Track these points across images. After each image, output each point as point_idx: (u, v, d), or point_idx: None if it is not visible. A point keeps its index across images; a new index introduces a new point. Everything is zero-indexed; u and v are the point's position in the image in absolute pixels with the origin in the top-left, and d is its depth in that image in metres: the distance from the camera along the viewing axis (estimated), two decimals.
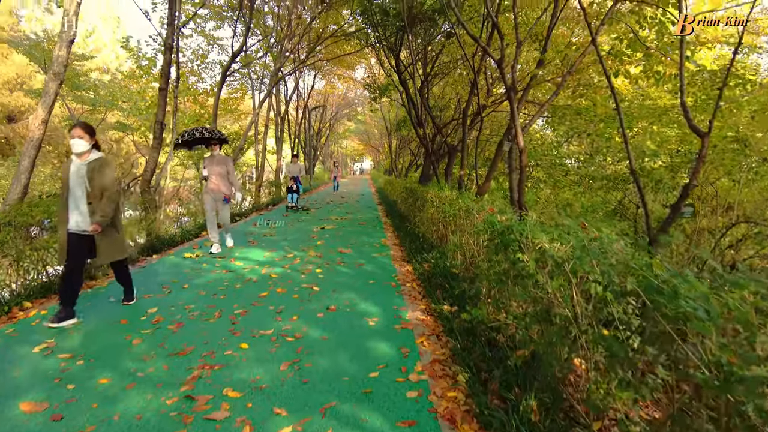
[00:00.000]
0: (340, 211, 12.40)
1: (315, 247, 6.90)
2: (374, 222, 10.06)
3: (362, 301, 4.19)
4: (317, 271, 5.31)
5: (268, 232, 8.42)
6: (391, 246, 7.02)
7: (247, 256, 6.33)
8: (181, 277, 5.21)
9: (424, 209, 7.46)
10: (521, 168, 5.12)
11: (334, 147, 54.76)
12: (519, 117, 7.43)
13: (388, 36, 12.72)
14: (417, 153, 27.61)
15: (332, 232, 8.48)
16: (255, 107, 19.32)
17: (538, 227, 2.88)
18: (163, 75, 7.74)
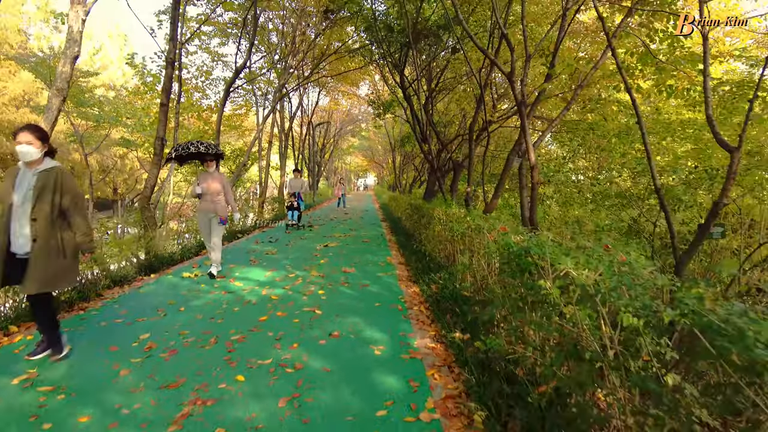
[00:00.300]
0: (344, 228, 12.19)
1: (318, 266, 6.67)
2: (379, 239, 9.83)
3: (367, 326, 3.94)
4: (320, 293, 5.07)
5: (270, 250, 8.20)
6: (397, 265, 6.78)
7: (248, 276, 6.10)
8: (178, 298, 4.99)
9: (431, 227, 7.24)
10: (533, 185, 4.91)
11: (338, 163, 54.88)
12: None
13: (392, 52, 12.68)
14: (421, 169, 27.52)
15: (336, 250, 8.26)
16: (259, 123, 19.33)
17: (558, 249, 2.65)
18: (164, 90, 7.64)
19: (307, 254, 7.76)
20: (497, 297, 3.60)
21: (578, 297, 2.16)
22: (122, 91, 24.81)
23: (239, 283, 5.63)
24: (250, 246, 8.89)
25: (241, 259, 7.42)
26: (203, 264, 7.00)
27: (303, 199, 11.91)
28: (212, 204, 5.96)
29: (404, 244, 8.59)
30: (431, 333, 3.79)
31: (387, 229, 12.09)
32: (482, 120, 8.77)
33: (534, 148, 7.83)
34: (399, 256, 7.72)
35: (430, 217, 7.27)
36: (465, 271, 4.37)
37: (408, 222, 11.34)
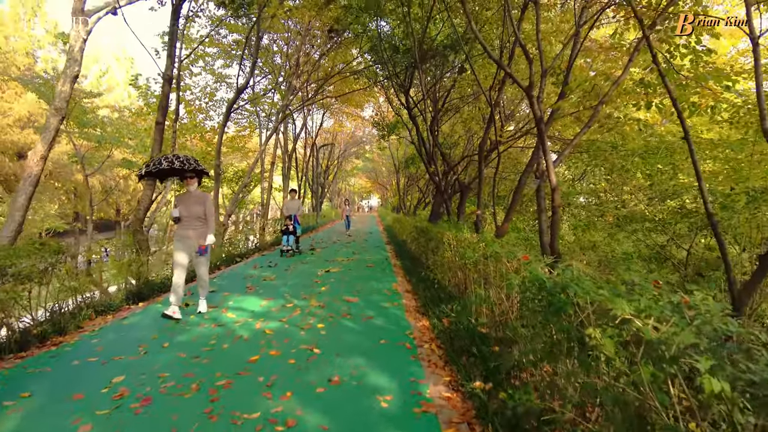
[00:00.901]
0: (347, 252, 11.73)
1: (318, 294, 6.20)
2: (383, 264, 9.36)
3: (372, 369, 3.46)
4: (319, 327, 4.59)
5: (269, 276, 7.75)
6: (403, 293, 6.30)
7: (242, 305, 5.63)
8: (164, 332, 4.52)
9: (439, 252, 6.78)
10: (553, 208, 4.48)
11: (342, 184, 54.77)
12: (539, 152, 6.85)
13: (397, 72, 12.47)
14: (425, 191, 27.18)
15: (338, 275, 7.79)
16: (261, 144, 19.11)
17: (605, 288, 2.19)
18: (160, 108, 7.34)
19: (308, 280, 7.30)
20: (521, 337, 3.14)
21: (644, 353, 1.71)
22: (125, 112, 24.78)
23: (232, 315, 5.16)
24: (248, 271, 8.44)
25: (237, 286, 6.96)
26: (196, 293, 6.55)
27: (300, 222, 11.14)
28: (193, 230, 5.11)
29: (410, 269, 8.11)
30: (446, 378, 3.30)
31: (392, 253, 11.62)
32: (492, 140, 8.41)
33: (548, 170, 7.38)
34: (405, 282, 7.24)
35: (438, 242, 6.81)
36: (481, 304, 3.90)
37: (414, 245, 10.87)
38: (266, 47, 17.75)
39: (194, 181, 5.16)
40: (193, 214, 5.08)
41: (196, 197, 5.14)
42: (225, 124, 11.38)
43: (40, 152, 6.86)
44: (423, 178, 27.67)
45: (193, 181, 5.14)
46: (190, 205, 5.09)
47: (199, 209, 5.10)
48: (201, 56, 18.69)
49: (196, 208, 5.09)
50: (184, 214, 5.09)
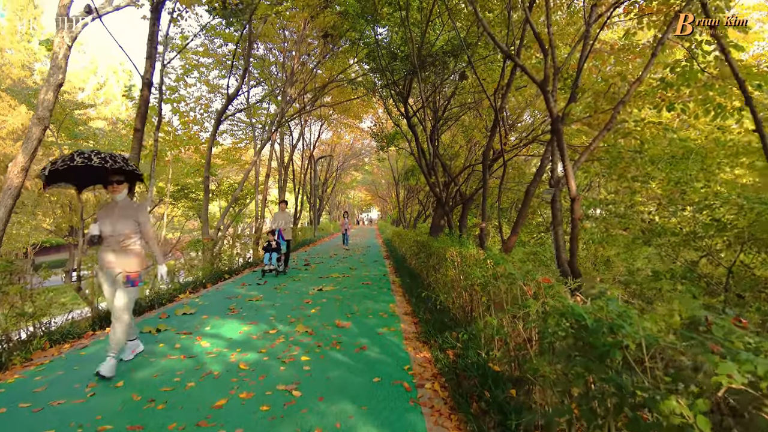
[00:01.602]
0: (344, 267, 11.09)
1: (306, 318, 5.56)
2: (381, 281, 8.72)
3: (361, 419, 2.82)
4: (303, 360, 3.95)
5: (256, 296, 7.11)
6: (402, 316, 5.66)
7: (220, 331, 4.99)
8: (123, 364, 3.89)
9: (441, 269, 6.17)
10: (573, 221, 3.88)
11: (342, 197, 54.29)
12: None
13: (396, 80, 12.00)
14: (425, 203, 26.64)
15: (331, 295, 7.15)
16: (257, 156, 18.61)
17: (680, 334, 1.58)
18: (139, 114, 6.79)
19: (297, 301, 6.66)
20: (545, 381, 2.51)
21: None
22: (119, 125, 24.38)
23: (206, 343, 4.52)
24: (235, 289, 7.81)
25: (219, 307, 6.33)
26: (174, 314, 5.93)
27: (285, 236, 9.83)
28: (114, 254, 3.70)
29: (410, 287, 7.48)
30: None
31: (390, 268, 10.98)
32: (496, 148, 7.85)
33: (563, 180, 6.83)
34: (404, 303, 6.60)
35: (440, 258, 6.20)
36: (493, 335, 3.28)
37: (414, 260, 10.24)
38: (262, 57, 17.39)
39: (122, 187, 3.77)
40: (119, 231, 3.69)
41: (123, 208, 3.75)
42: (215, 133, 10.85)
43: (21, 163, 6.31)
44: (423, 191, 27.14)
45: (120, 187, 3.74)
46: (115, 220, 3.69)
47: (127, 225, 3.72)
48: (195, 66, 18.34)
49: (123, 225, 3.70)
50: (107, 232, 3.70)
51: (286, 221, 9.96)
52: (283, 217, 10.03)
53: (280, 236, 9.63)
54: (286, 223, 9.95)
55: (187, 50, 17.69)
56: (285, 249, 9.81)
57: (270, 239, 9.47)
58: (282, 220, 9.95)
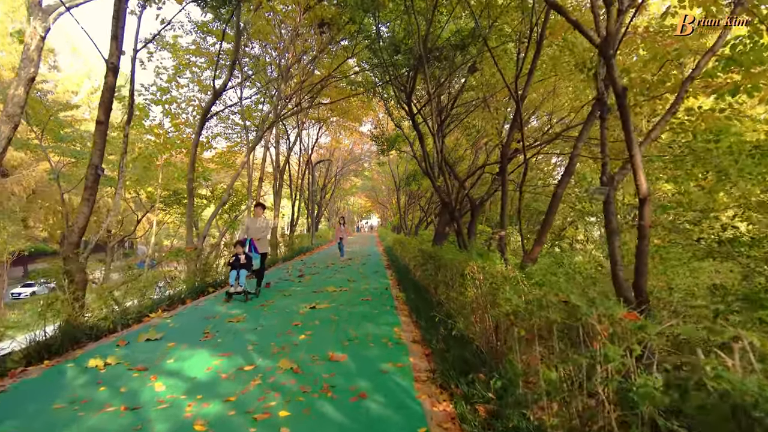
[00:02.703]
0: (341, 279, 10.08)
1: (293, 347, 4.55)
2: (383, 296, 7.71)
3: None
4: (281, 417, 2.94)
5: (238, 316, 6.11)
6: (409, 344, 4.66)
7: (183, 366, 3.99)
8: (44, 417, 2.91)
9: (455, 285, 5.17)
10: (641, 229, 2.92)
11: (341, 203, 53.34)
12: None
13: (398, 76, 11.09)
14: (427, 209, 25.66)
15: (325, 314, 6.15)
16: (250, 159, 17.67)
17: None
18: (102, 104, 5.81)
19: (284, 323, 5.65)
20: None
21: None
22: None
23: (161, 385, 3.52)
24: (215, 307, 6.81)
25: (191, 331, 5.33)
26: (135, 340, 4.93)
27: (259, 248, 7.87)
28: None
29: (416, 305, 6.47)
30: None
31: (393, 280, 9.96)
32: (514, 146, 6.88)
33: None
34: (411, 325, 5.58)
35: (454, 272, 5.21)
36: (554, 395, 2.29)
37: (419, 271, 9.25)
38: (257, 57, 16.51)
39: None
40: None
41: None
42: (200, 132, 9.91)
43: None
44: (424, 197, 26.17)
45: None
46: None
47: None
48: (186, 65, 17.47)
49: None
50: None
51: (260, 229, 8.10)
52: (258, 224, 8.19)
53: (252, 248, 7.75)
54: (261, 232, 8.09)
55: (178, 48, 16.89)
56: (258, 265, 7.83)
57: (237, 252, 7.40)
58: (255, 227, 8.13)
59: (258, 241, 7.91)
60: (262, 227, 8.16)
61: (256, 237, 7.88)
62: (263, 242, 8.13)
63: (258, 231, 8.04)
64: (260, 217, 8.29)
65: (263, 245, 8.11)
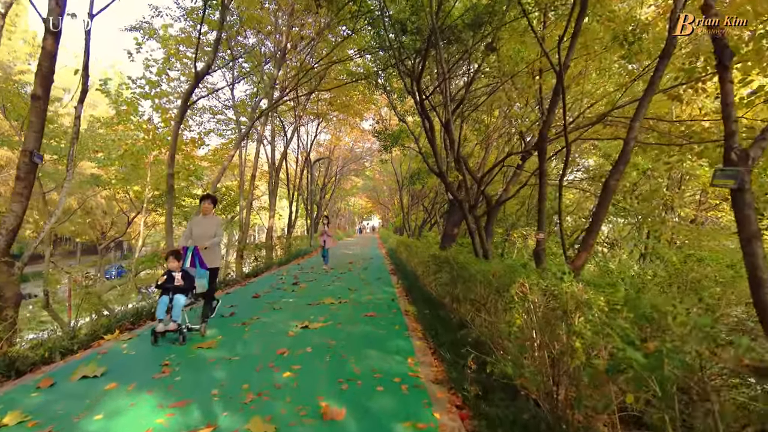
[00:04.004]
0: (340, 287, 8.86)
1: (274, 392, 3.35)
2: (389, 311, 6.51)
3: None
4: None
5: (211, 339, 4.91)
6: (431, 387, 3.45)
7: (111, 428, 2.79)
8: None
9: (490, 306, 3.97)
10: None
11: (342, 204, 52.15)
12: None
13: (403, 59, 9.92)
14: (431, 210, 24.46)
15: (320, 337, 4.94)
16: (241, 153, 16.50)
17: None
18: (39, 75, 4.61)
19: (268, 350, 4.44)
20: None
21: None
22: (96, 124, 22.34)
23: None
24: (191, 326, 5.60)
25: (148, 360, 4.14)
26: (65, 379, 3.72)
27: (206, 262, 5.39)
28: None
29: (432, 323, 5.27)
30: None
31: (399, 289, 8.75)
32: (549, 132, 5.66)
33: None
34: (428, 353, 4.37)
35: (489, 289, 3.99)
36: None
37: (430, 279, 8.05)
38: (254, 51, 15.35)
39: None
40: None
41: None
42: (180, 121, 8.72)
43: None
44: (428, 197, 24.99)
45: None
46: None
47: None
48: (176, 55, 16.35)
49: None
50: None
51: (209, 234, 5.55)
52: (205, 226, 5.62)
53: (197, 261, 5.22)
54: (210, 238, 5.52)
55: (167, 38, 15.74)
56: (206, 286, 5.39)
57: (171, 267, 4.93)
58: (202, 231, 5.56)
59: (205, 251, 5.37)
60: (212, 231, 5.57)
61: (202, 245, 5.33)
62: (213, 253, 5.61)
63: (205, 236, 5.49)
64: (209, 215, 5.73)
65: (212, 257, 5.58)
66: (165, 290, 4.91)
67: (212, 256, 5.59)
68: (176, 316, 4.78)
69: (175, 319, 4.77)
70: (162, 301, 4.81)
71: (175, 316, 4.78)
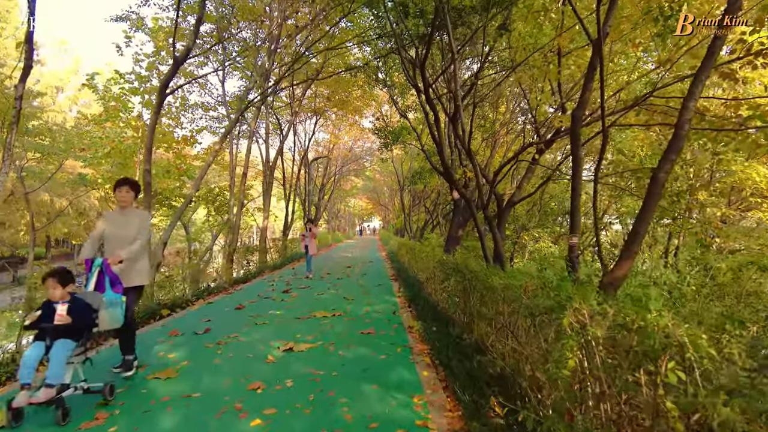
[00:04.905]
0: (336, 296, 7.98)
1: None
2: (390, 327, 5.63)
3: None
4: None
5: (173, 365, 4.04)
6: None
7: None
8: None
9: (521, 332, 3.10)
10: None
11: (341, 205, 51.30)
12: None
13: (406, 45, 9.08)
14: (433, 211, 23.60)
15: (305, 364, 4.06)
16: (231, 149, 15.66)
17: None
18: None
19: (238, 386, 3.55)
20: None
21: None
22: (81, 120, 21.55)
23: None
24: (156, 344, 4.73)
25: (83, 402, 3.25)
26: None
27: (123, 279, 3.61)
28: None
29: (439, 342, 4.40)
30: None
31: (402, 298, 7.84)
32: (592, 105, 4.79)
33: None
34: (440, 388, 3.49)
35: (522, 310, 3.11)
36: None
37: (436, 288, 7.18)
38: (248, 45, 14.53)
39: None
40: None
41: None
42: (158, 110, 7.86)
43: None
44: (430, 197, 24.13)
45: None
46: None
47: None
48: (169, 52, 15.55)
49: None
50: None
51: (126, 235, 3.81)
52: (122, 224, 3.88)
53: (107, 280, 3.48)
54: (128, 241, 3.77)
55: (157, 30, 14.95)
56: (119, 318, 3.45)
57: (52, 297, 3.14)
58: (118, 233, 3.84)
59: (120, 264, 3.60)
60: (132, 233, 3.81)
61: (115, 255, 3.58)
62: (135, 266, 3.88)
63: (122, 240, 3.76)
64: (129, 208, 3.95)
65: (134, 271, 3.88)
66: (38, 334, 3.06)
67: (133, 271, 3.84)
68: (54, 376, 2.85)
69: (51, 382, 2.83)
70: (29, 353, 2.92)
71: (52, 377, 2.84)
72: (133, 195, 3.97)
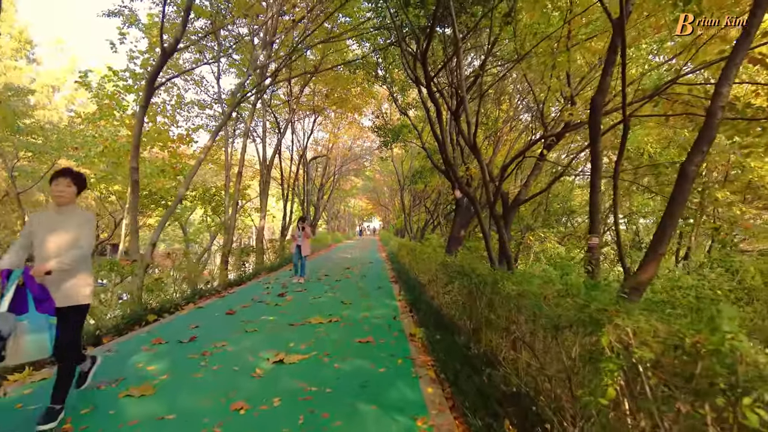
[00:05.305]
0: (333, 300, 7.59)
1: None
2: (391, 334, 5.24)
3: None
4: None
5: (151, 379, 3.66)
6: None
7: None
8: None
9: (541, 348, 2.71)
10: None
11: (341, 205, 50.91)
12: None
13: (406, 36, 8.72)
14: (434, 211, 23.20)
15: (296, 379, 3.68)
16: (227, 151, 15.27)
17: None
18: None
19: (219, 405, 3.15)
20: None
21: None
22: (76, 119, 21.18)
23: None
24: (134, 355, 4.34)
25: None
26: None
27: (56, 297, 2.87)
28: None
29: (444, 352, 4.01)
30: None
31: (402, 302, 7.45)
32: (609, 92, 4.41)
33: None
34: (444, 405, 3.09)
35: (541, 321, 2.73)
36: None
37: (439, 291, 6.79)
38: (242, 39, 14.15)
39: None
40: None
41: None
42: (146, 105, 7.47)
43: None
44: (430, 197, 23.73)
45: None
46: None
47: None
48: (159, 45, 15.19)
49: None
50: None
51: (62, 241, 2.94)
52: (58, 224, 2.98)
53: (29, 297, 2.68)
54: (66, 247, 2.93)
55: (152, 26, 14.59)
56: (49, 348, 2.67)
57: None
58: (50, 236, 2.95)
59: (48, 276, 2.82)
60: (71, 237, 2.98)
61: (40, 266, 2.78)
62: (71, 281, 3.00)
63: (59, 245, 2.94)
64: (68, 206, 3.06)
65: (70, 286, 3.00)
66: None
67: (68, 285, 2.98)
68: None
69: None
70: None
71: None
72: (74, 190, 3.06)
